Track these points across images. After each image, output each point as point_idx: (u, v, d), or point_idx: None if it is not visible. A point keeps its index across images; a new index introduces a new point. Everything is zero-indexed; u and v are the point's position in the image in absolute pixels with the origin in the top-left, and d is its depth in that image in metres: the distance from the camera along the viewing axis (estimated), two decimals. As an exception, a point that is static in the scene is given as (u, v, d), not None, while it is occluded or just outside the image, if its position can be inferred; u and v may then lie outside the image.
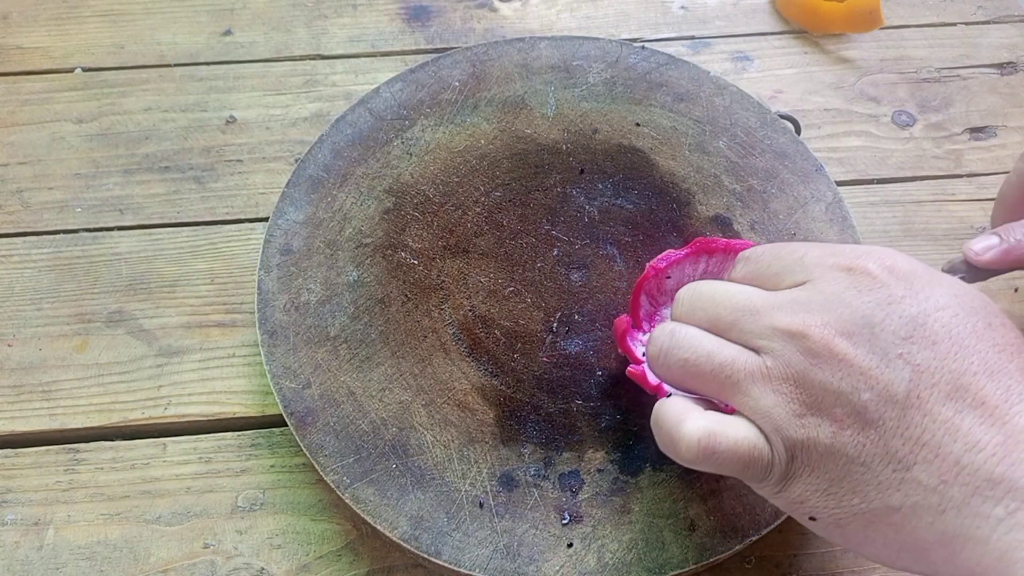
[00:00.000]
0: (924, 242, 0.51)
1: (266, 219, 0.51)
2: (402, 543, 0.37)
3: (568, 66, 0.53)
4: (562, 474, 0.39)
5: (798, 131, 0.52)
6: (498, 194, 0.48)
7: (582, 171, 0.49)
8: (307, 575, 0.40)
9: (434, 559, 0.37)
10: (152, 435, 0.44)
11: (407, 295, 0.44)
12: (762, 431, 0.30)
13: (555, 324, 0.44)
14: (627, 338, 0.39)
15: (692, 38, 0.60)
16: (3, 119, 0.55)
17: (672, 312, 0.36)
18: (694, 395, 0.38)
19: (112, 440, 0.43)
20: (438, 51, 0.59)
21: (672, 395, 0.34)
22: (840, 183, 0.52)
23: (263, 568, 0.40)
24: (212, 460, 0.43)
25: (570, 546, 0.38)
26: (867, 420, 0.28)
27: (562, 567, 0.37)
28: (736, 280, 0.35)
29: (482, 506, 0.38)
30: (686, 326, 0.34)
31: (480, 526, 0.38)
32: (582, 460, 0.40)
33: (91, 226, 0.51)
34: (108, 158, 0.53)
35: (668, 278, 0.41)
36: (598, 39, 0.55)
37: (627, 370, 0.39)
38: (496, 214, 0.47)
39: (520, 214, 0.47)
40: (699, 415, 0.32)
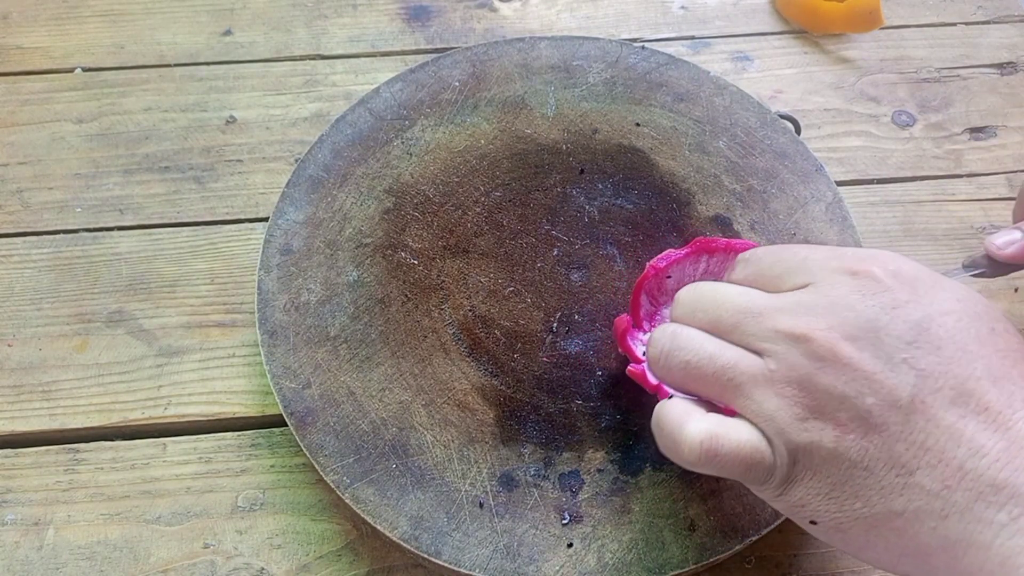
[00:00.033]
0: (924, 242, 0.51)
1: (266, 219, 0.51)
2: (402, 543, 0.37)
3: (568, 66, 0.53)
4: (562, 474, 0.39)
5: (798, 131, 0.52)
6: (498, 194, 0.48)
7: (582, 171, 0.49)
8: (307, 575, 0.40)
9: (434, 559, 0.37)
10: (152, 435, 0.44)
11: (407, 295, 0.44)
12: (764, 434, 0.30)
13: (555, 324, 0.44)
14: (627, 337, 0.39)
15: (692, 38, 0.60)
16: (3, 119, 0.55)
17: (672, 313, 0.35)
18: (695, 397, 0.38)
19: (112, 440, 0.43)
20: (438, 51, 0.59)
21: (673, 396, 0.34)
22: (840, 183, 0.52)
23: (263, 568, 0.40)
24: (212, 460, 0.43)
25: (570, 546, 0.38)
26: (871, 425, 0.28)
27: (562, 567, 0.37)
28: (736, 281, 0.35)
29: (482, 506, 0.38)
30: (687, 328, 0.34)
31: (480, 526, 0.38)
32: (582, 460, 0.40)
33: (91, 226, 0.51)
34: (108, 158, 0.53)
35: (668, 277, 0.41)
36: (598, 39, 0.55)
37: (627, 369, 0.39)
38: (496, 214, 0.47)
39: (520, 214, 0.47)
40: (701, 417, 0.31)
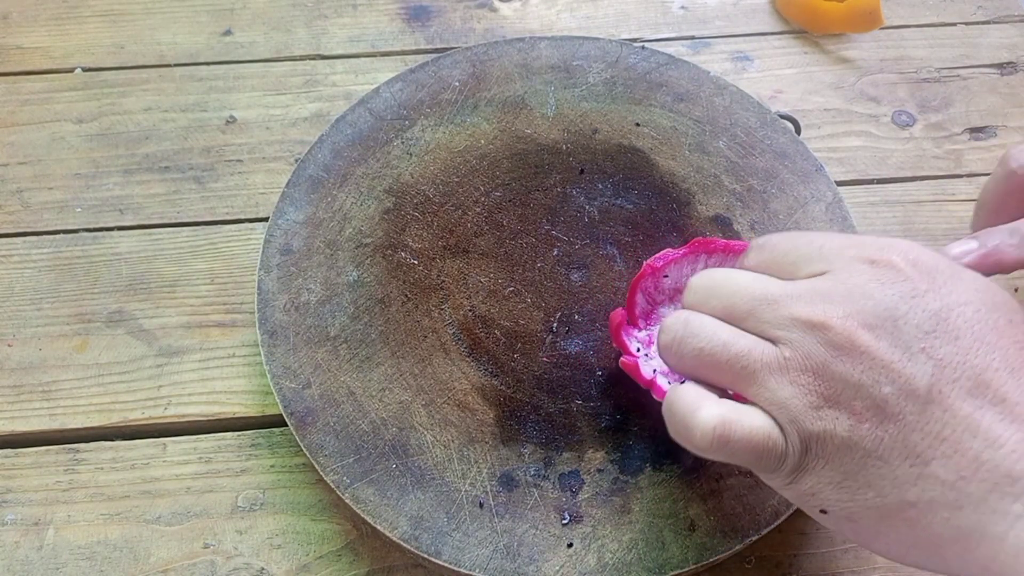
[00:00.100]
0: (924, 242, 0.50)
1: (266, 219, 0.51)
2: (402, 543, 0.37)
3: (568, 66, 0.53)
4: (562, 474, 0.39)
5: (798, 131, 0.52)
6: (498, 194, 0.48)
7: (582, 171, 0.49)
8: (307, 575, 0.40)
9: (434, 559, 0.37)
10: (152, 435, 0.44)
11: (407, 295, 0.44)
12: (777, 422, 0.30)
13: (555, 324, 0.44)
14: (621, 331, 0.40)
15: (692, 38, 0.60)
16: (3, 119, 0.55)
17: (684, 300, 0.35)
18: (706, 385, 0.38)
19: (112, 440, 0.43)
20: (438, 51, 0.59)
21: (684, 383, 0.33)
22: (840, 183, 0.52)
23: (263, 568, 0.40)
24: (212, 460, 0.43)
25: (570, 546, 0.38)
26: (887, 414, 0.28)
27: (562, 567, 0.37)
28: (750, 268, 0.34)
29: (482, 506, 0.38)
30: (700, 314, 0.33)
31: (480, 526, 0.38)
32: (582, 460, 0.40)
33: (91, 226, 0.51)
34: (108, 158, 0.53)
35: (666, 277, 0.41)
36: (598, 39, 0.55)
37: (620, 361, 0.39)
38: (496, 214, 0.47)
39: (520, 214, 0.47)
40: (714, 403, 0.31)
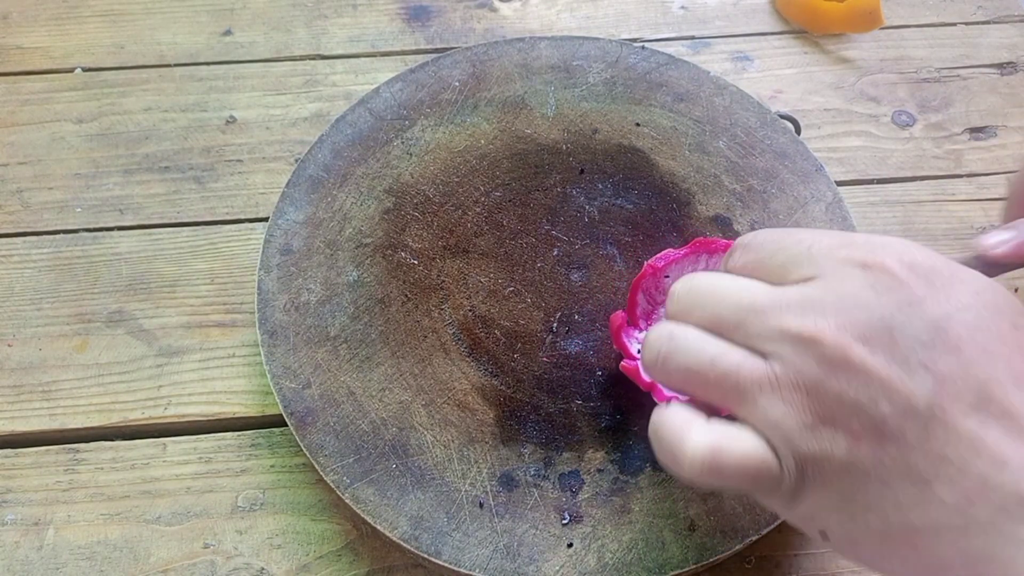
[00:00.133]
0: (924, 242, 0.50)
1: (266, 219, 0.51)
2: (402, 543, 0.37)
3: (568, 66, 0.53)
4: (562, 474, 0.39)
5: (798, 131, 0.52)
6: (498, 194, 0.48)
7: (582, 171, 0.49)
8: (307, 575, 0.40)
9: (434, 559, 0.37)
10: (152, 435, 0.44)
11: (407, 295, 0.44)
12: (770, 444, 0.28)
13: (555, 324, 0.44)
14: (622, 334, 0.40)
15: (692, 38, 0.60)
16: (3, 119, 0.55)
17: (667, 308, 0.33)
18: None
19: (112, 440, 0.43)
20: (438, 51, 0.59)
21: (670, 402, 0.32)
22: (840, 183, 0.52)
23: (263, 568, 0.40)
24: (212, 460, 0.43)
25: (570, 546, 0.38)
26: (885, 434, 0.26)
27: (562, 567, 0.37)
28: (735, 270, 0.32)
29: (482, 506, 0.38)
30: (684, 327, 0.31)
31: (480, 526, 0.38)
32: (582, 460, 0.40)
33: (91, 226, 0.51)
34: (108, 158, 0.53)
35: (666, 277, 0.41)
36: (598, 39, 0.55)
37: (620, 365, 0.39)
38: (496, 214, 0.47)
39: (520, 214, 0.47)
40: (701, 429, 0.29)
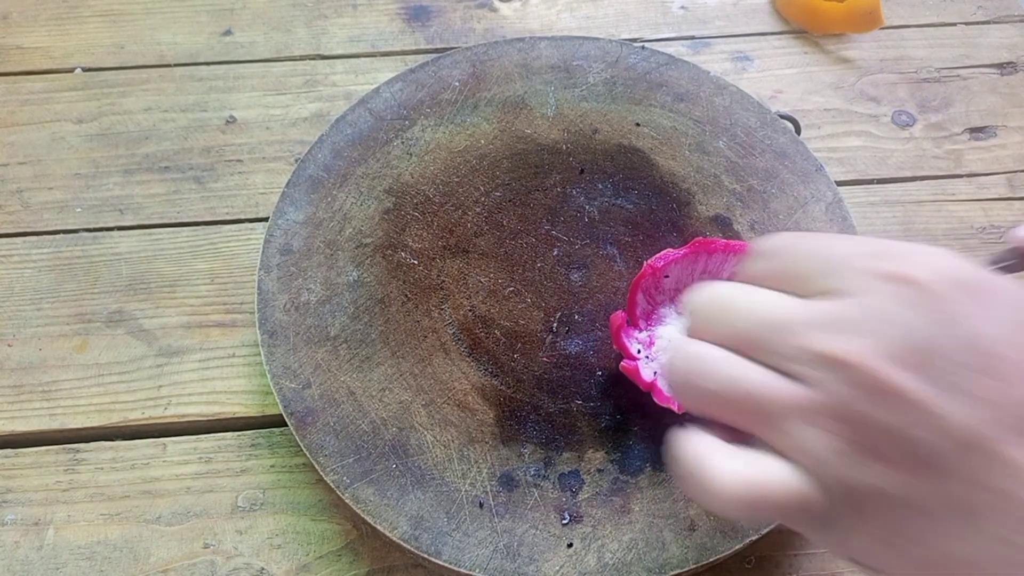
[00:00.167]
0: (924, 242, 0.51)
1: (266, 219, 0.51)
2: (402, 543, 0.37)
3: (568, 66, 0.53)
4: (562, 474, 0.39)
5: (798, 131, 0.52)
6: (498, 194, 0.48)
7: (582, 171, 0.49)
8: (307, 575, 0.40)
9: (434, 559, 0.37)
10: (152, 435, 0.44)
11: (407, 295, 0.44)
12: (804, 473, 0.26)
13: (555, 324, 0.44)
14: (622, 334, 0.40)
15: (692, 38, 0.60)
16: (3, 119, 0.55)
17: (688, 324, 0.31)
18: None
19: (112, 440, 0.43)
20: (438, 51, 0.59)
21: (687, 427, 0.30)
22: (840, 183, 0.52)
23: (263, 568, 0.40)
24: (212, 460, 0.43)
25: (570, 546, 0.38)
26: (927, 463, 0.25)
27: (562, 567, 0.37)
28: (753, 278, 0.30)
29: (482, 506, 0.38)
30: (706, 347, 0.29)
31: (480, 526, 0.38)
32: (582, 460, 0.40)
33: (91, 226, 0.51)
34: (108, 158, 0.53)
35: (666, 277, 0.41)
36: (598, 39, 0.55)
37: (620, 365, 0.39)
38: (496, 214, 0.47)
39: (520, 214, 0.47)
40: (731, 460, 0.27)
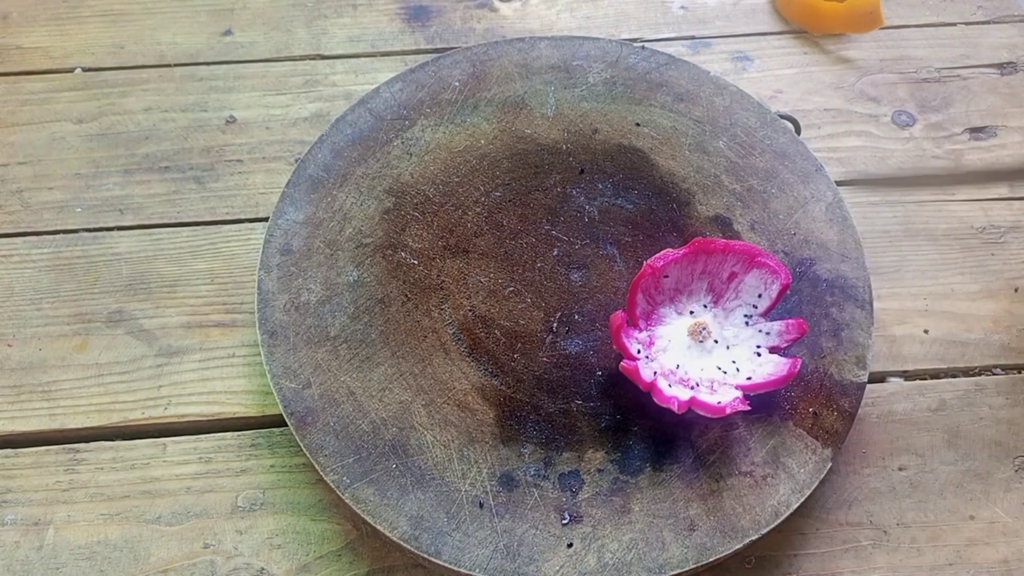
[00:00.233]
0: (924, 242, 0.51)
1: (266, 219, 0.51)
2: (402, 543, 0.37)
3: (568, 66, 0.53)
4: (562, 474, 0.39)
5: (798, 131, 0.52)
6: (498, 194, 0.48)
7: (582, 171, 0.49)
8: (307, 575, 0.40)
9: (434, 559, 0.37)
10: (152, 435, 0.44)
11: (407, 295, 0.44)
12: None
13: (555, 324, 0.44)
14: (622, 334, 0.40)
15: (692, 38, 0.60)
16: (3, 119, 0.55)
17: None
18: (706, 409, 0.38)
19: (112, 440, 0.43)
20: (438, 51, 0.59)
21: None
22: (840, 183, 0.52)
23: (263, 568, 0.40)
24: (212, 460, 0.43)
25: (570, 546, 0.38)
26: None
27: (562, 567, 0.37)
28: None
29: (482, 506, 0.38)
30: None
31: (480, 526, 0.38)
32: (582, 460, 0.40)
33: (91, 226, 0.51)
34: (108, 158, 0.53)
35: (666, 277, 0.41)
36: (598, 39, 0.55)
37: (620, 365, 0.39)
38: (496, 214, 0.47)
39: (520, 214, 0.47)
40: None
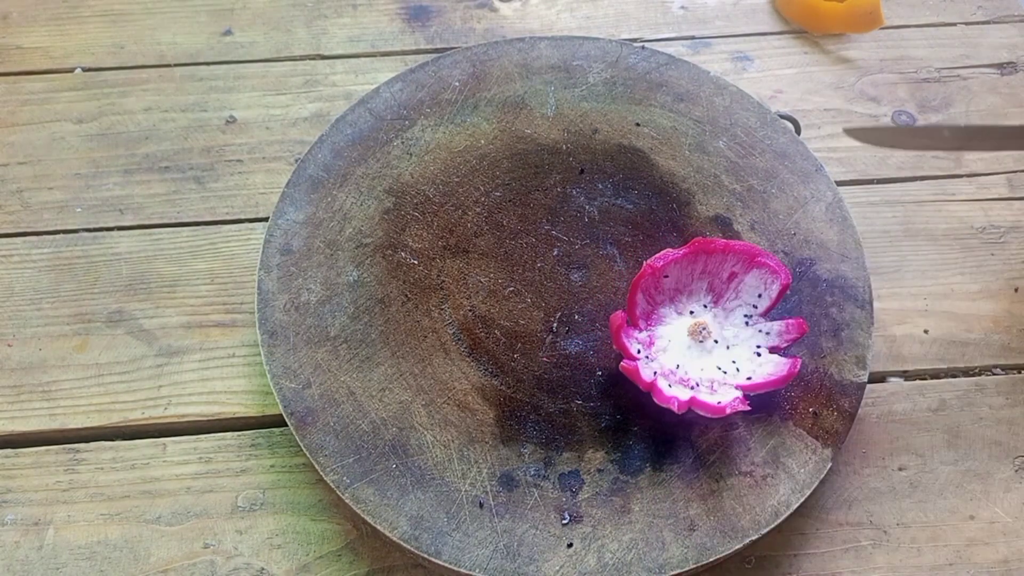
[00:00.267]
0: (924, 242, 0.51)
1: (266, 219, 0.51)
2: (402, 543, 0.37)
3: (568, 66, 0.53)
4: (562, 474, 0.39)
5: (798, 131, 0.52)
6: (498, 194, 0.48)
7: (582, 171, 0.49)
8: (307, 575, 0.40)
9: (434, 559, 0.37)
10: (152, 435, 0.44)
11: (407, 295, 0.44)
12: None
13: (555, 324, 0.44)
14: (622, 334, 0.40)
15: (692, 38, 0.60)
16: (3, 119, 0.55)
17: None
18: (706, 409, 0.38)
19: (112, 440, 0.43)
20: (438, 51, 0.59)
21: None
22: (840, 183, 0.52)
23: (263, 568, 0.40)
24: (212, 460, 0.43)
25: (570, 546, 0.38)
26: None
27: (562, 567, 0.37)
28: None
29: (482, 506, 0.38)
30: None
31: (480, 526, 0.38)
32: (582, 460, 0.40)
33: (91, 226, 0.51)
34: (108, 158, 0.53)
35: (666, 277, 0.41)
36: (598, 39, 0.55)
37: (620, 365, 0.39)
38: (496, 214, 0.47)
39: (520, 214, 0.47)
40: None
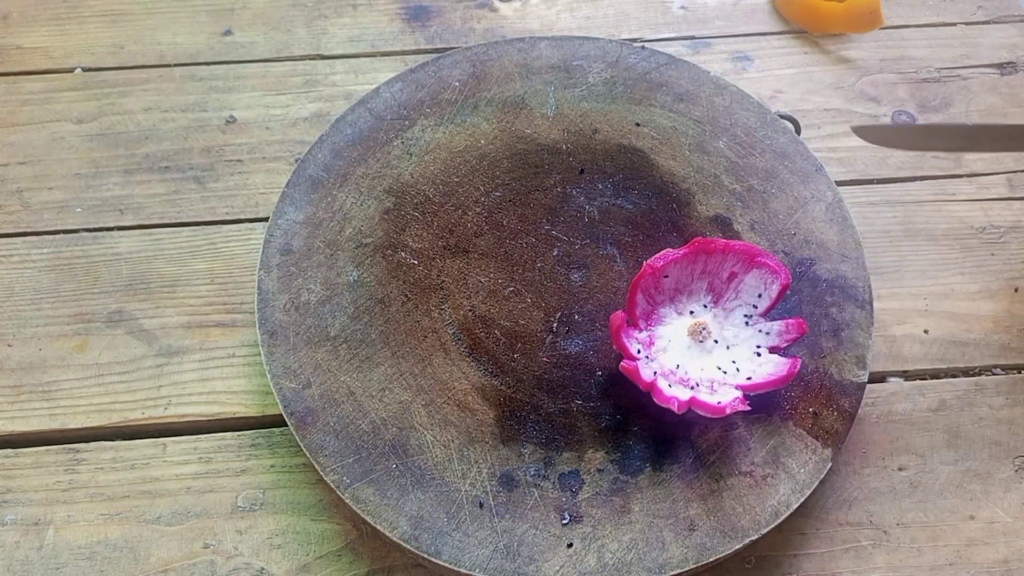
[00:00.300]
0: (924, 242, 0.51)
1: (266, 219, 0.51)
2: (402, 543, 0.37)
3: (568, 66, 0.53)
4: (562, 474, 0.39)
5: (798, 131, 0.52)
6: (498, 194, 0.48)
7: (582, 171, 0.49)
8: (307, 575, 0.40)
9: (434, 559, 0.37)
10: (152, 435, 0.44)
11: (407, 295, 0.44)
12: None
13: (555, 324, 0.44)
14: (622, 334, 0.40)
15: (692, 38, 0.60)
16: (3, 119, 0.55)
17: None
18: (706, 409, 0.38)
19: (112, 440, 0.43)
20: (438, 51, 0.59)
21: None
22: (840, 183, 0.52)
23: (263, 568, 0.40)
24: (212, 460, 0.43)
25: (570, 546, 0.38)
26: None
27: (562, 567, 0.37)
28: None
29: (482, 506, 0.38)
30: None
31: (480, 526, 0.38)
32: (582, 460, 0.40)
33: (91, 226, 0.51)
34: (108, 158, 0.53)
35: (666, 277, 0.41)
36: (598, 39, 0.55)
37: (620, 365, 0.39)
38: (496, 214, 0.47)
39: (520, 214, 0.47)
40: None
